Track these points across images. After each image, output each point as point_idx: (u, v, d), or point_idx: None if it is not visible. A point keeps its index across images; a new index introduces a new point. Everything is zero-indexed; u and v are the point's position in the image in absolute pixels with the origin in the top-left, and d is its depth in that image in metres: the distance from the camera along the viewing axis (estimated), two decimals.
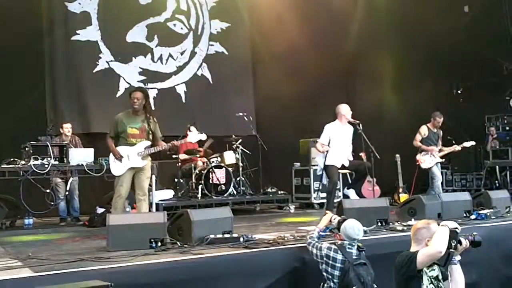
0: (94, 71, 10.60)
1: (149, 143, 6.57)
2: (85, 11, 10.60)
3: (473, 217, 6.94)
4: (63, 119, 9.53)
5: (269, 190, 10.13)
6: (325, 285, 4.59)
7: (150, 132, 6.55)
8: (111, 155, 6.54)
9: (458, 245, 4.09)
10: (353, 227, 4.61)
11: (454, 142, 9.44)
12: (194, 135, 7.01)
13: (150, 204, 7.89)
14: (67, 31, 10.38)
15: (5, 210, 8.04)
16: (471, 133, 10.55)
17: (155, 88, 11.22)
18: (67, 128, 8.82)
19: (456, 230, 4.12)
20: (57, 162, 7.58)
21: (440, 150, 9.08)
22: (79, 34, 10.48)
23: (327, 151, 7.48)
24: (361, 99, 12.90)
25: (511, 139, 11.72)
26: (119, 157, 6.43)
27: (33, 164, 7.27)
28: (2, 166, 7.34)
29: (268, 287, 4.86)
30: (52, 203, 8.04)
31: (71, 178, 8.49)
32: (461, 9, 12.84)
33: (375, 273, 4.75)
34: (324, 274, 4.59)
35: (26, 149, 7.52)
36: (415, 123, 9.48)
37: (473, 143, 9.18)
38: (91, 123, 10.24)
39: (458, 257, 4.14)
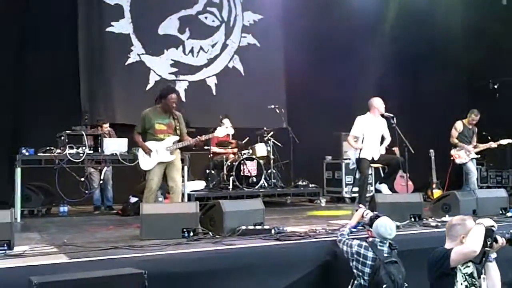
0: (125, 64, 10.71)
1: (177, 138, 6.70)
2: (118, 4, 10.71)
3: (509, 214, 6.81)
4: (98, 109, 9.69)
5: (300, 183, 10.09)
6: (356, 282, 4.55)
7: (177, 127, 6.68)
8: (140, 150, 6.67)
9: (494, 243, 4.01)
10: (386, 227, 4.54)
11: (489, 138, 9.25)
12: (221, 130, 7.07)
13: (182, 195, 7.97)
14: (101, 22, 10.51)
15: (41, 198, 8.23)
16: (507, 130, 10.31)
17: (186, 80, 11.28)
18: (106, 128, 8.89)
19: (493, 228, 4.03)
20: (91, 152, 7.71)
21: (475, 147, 8.93)
22: (113, 26, 10.61)
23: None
24: (394, 94, 12.73)
25: None
26: (148, 152, 6.55)
27: (68, 153, 7.40)
28: (39, 154, 7.50)
29: (299, 279, 4.85)
30: (87, 192, 8.18)
31: (105, 168, 8.62)
32: (499, 2, 12.55)
33: (409, 269, 4.70)
34: (355, 271, 4.55)
35: (62, 138, 7.66)
36: (450, 118, 9.33)
37: (510, 141, 8.99)
38: (120, 115, 10.30)
39: (494, 255, 4.05)
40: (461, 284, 4.00)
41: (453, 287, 3.98)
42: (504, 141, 8.96)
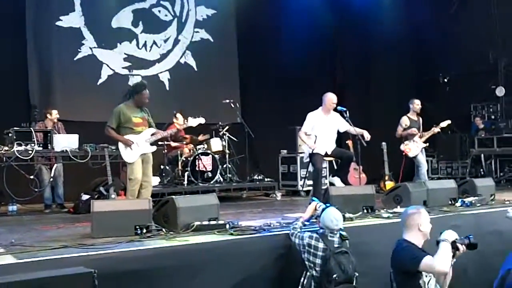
0: (75, 59, 10.42)
1: (153, 130, 6.79)
2: None
3: (458, 204, 6.98)
4: (47, 105, 9.39)
5: (255, 177, 10.10)
6: (308, 273, 4.62)
7: (149, 120, 6.79)
8: (120, 144, 6.59)
9: (457, 252, 4.09)
10: (331, 218, 4.61)
11: (434, 125, 9.36)
12: (193, 120, 7.07)
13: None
14: (50, 16, 10.18)
15: None
16: (457, 122, 10.60)
17: (139, 75, 11.06)
18: (56, 115, 8.65)
19: (456, 240, 4.11)
20: (41, 148, 7.50)
21: (421, 136, 9.04)
22: (61, 20, 10.31)
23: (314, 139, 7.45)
24: (348, 87, 12.93)
25: (496, 127, 11.78)
26: (130, 144, 6.53)
27: (16, 150, 7.18)
28: None
29: (254, 273, 4.88)
30: (36, 190, 7.96)
31: (55, 165, 8.39)
32: None
33: (361, 260, 4.78)
34: (307, 262, 4.62)
35: (10, 135, 7.42)
36: (402, 112, 9.48)
37: (448, 122, 9.11)
38: (70, 111, 9.91)
39: (453, 261, 4.15)
40: (427, 282, 4.11)
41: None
42: (444, 123, 9.06)
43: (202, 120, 7.20)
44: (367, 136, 7.62)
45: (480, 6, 12.11)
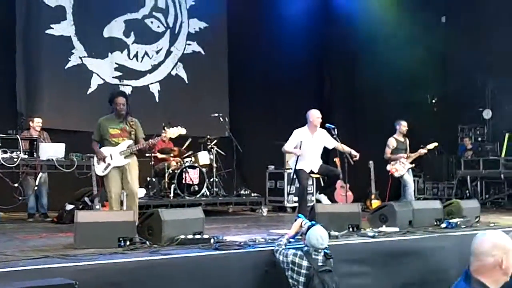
0: (65, 67, 10.39)
1: (131, 142, 6.63)
2: (60, 5, 10.38)
3: (443, 225, 6.99)
4: (33, 113, 9.33)
5: (242, 192, 10.07)
6: None
7: (132, 132, 6.63)
8: (95, 156, 6.67)
9: None
10: (317, 237, 4.60)
11: (421, 147, 9.44)
12: (173, 130, 6.94)
13: (121, 202, 7.80)
14: (40, 24, 10.15)
15: None
16: (444, 143, 10.65)
17: (129, 85, 11.07)
18: (38, 123, 8.60)
19: None
20: (26, 156, 7.42)
21: (407, 157, 9.13)
22: (52, 28, 10.28)
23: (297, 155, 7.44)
24: (336, 105, 12.99)
25: (483, 150, 11.86)
26: (101, 158, 6.53)
27: (1, 157, 7.09)
28: None
29: None
30: (20, 198, 7.87)
31: (40, 173, 8.31)
32: (438, 19, 12.99)
33: (346, 278, 4.77)
34: (290, 280, 4.59)
35: None
36: (389, 131, 9.53)
37: (435, 144, 9.25)
38: (60, 120, 9.89)
39: None
40: None
41: None
42: (431, 145, 9.20)
43: (183, 131, 7.04)
44: (355, 154, 7.63)
45: (468, 29, 12.23)
